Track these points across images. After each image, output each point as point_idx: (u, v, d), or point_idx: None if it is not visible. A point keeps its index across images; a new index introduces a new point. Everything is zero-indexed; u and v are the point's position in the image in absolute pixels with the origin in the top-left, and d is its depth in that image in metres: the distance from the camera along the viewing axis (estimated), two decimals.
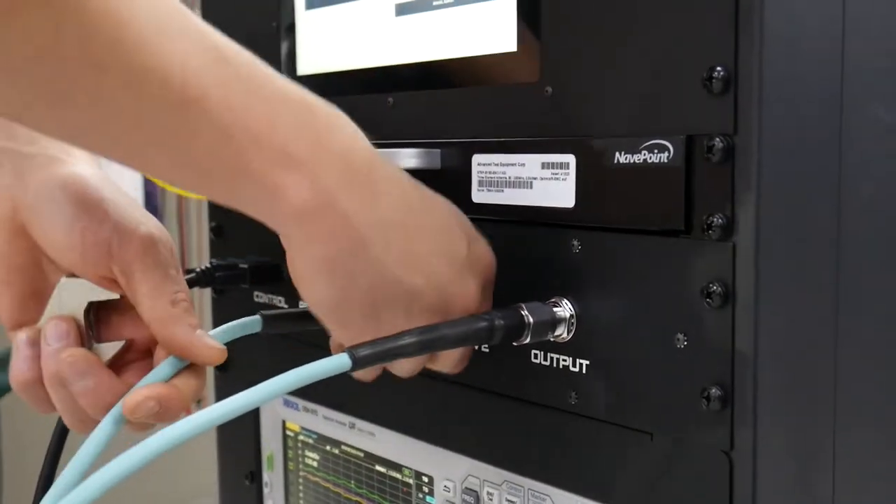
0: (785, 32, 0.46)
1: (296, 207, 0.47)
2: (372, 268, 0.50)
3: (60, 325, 0.53)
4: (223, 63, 0.45)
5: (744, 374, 0.47)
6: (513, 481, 0.60)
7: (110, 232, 0.53)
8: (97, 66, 0.42)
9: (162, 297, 0.52)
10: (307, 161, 0.47)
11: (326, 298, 0.51)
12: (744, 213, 0.47)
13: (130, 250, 0.53)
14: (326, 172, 0.48)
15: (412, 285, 0.51)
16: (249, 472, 0.83)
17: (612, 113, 0.52)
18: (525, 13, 0.57)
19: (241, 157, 0.46)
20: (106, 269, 0.53)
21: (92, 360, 0.52)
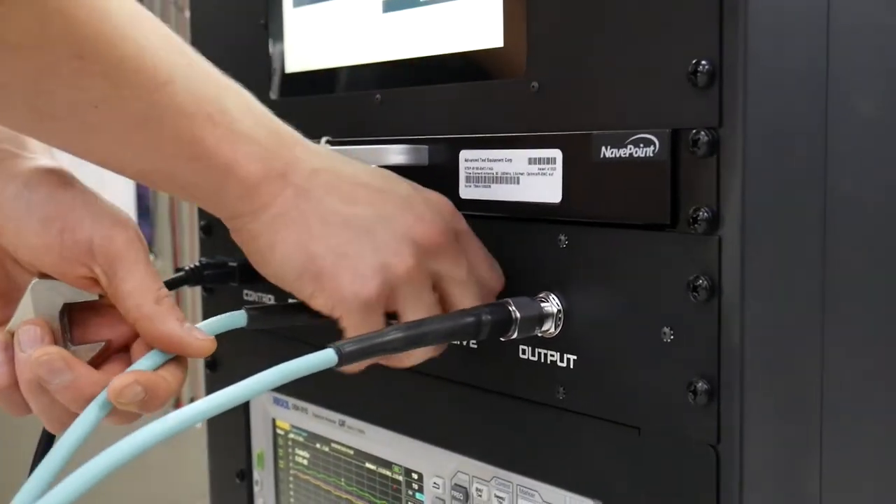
0: (769, 26, 0.46)
1: (245, 180, 0.52)
2: (317, 210, 0.53)
3: (34, 330, 0.52)
4: (183, 52, 0.50)
5: (730, 368, 0.47)
6: (501, 477, 0.60)
7: (89, 230, 0.52)
8: (78, 55, 0.45)
9: (147, 295, 0.52)
10: (251, 136, 0.52)
11: (288, 257, 0.53)
12: (729, 207, 0.47)
13: (112, 248, 0.52)
14: (266, 145, 0.53)
15: (361, 217, 0.54)
16: (240, 470, 0.83)
17: (597, 107, 0.52)
18: (511, 9, 0.57)
19: (199, 138, 0.50)
20: (86, 269, 0.52)
21: (67, 357, 0.51)
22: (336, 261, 0.53)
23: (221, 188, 0.52)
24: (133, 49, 0.47)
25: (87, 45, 0.45)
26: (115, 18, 0.46)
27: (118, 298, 0.52)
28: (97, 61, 0.46)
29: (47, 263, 0.52)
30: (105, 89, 0.47)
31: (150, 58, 0.48)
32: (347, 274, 0.53)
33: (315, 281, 0.54)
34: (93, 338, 0.54)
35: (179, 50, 0.50)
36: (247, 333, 0.61)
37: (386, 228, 0.54)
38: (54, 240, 0.51)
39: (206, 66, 0.52)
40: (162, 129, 0.49)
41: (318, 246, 0.53)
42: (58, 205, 0.52)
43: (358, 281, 0.53)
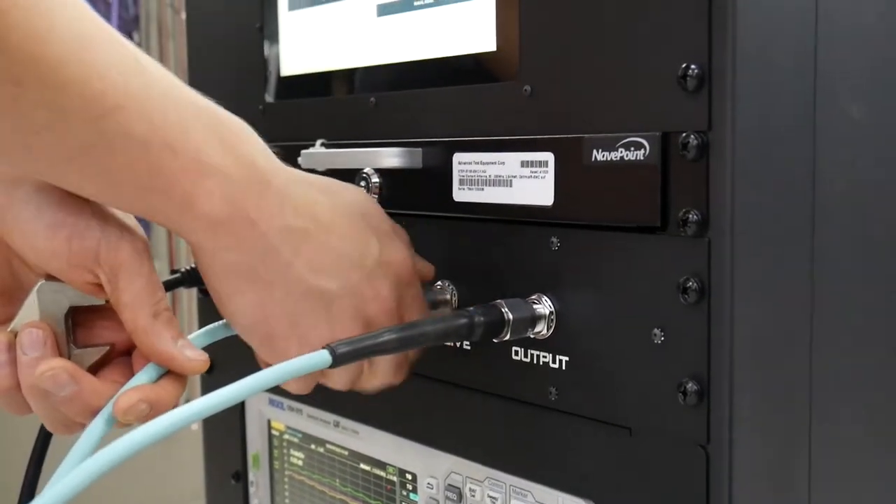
0: (758, 31, 0.47)
1: (207, 216, 0.49)
2: (283, 275, 0.52)
3: (36, 333, 0.51)
4: (140, 73, 0.46)
5: (720, 369, 0.48)
6: (494, 477, 0.60)
7: (97, 238, 0.51)
8: (16, 80, 0.42)
9: (143, 309, 0.51)
10: (218, 169, 0.48)
11: (245, 309, 0.53)
12: (718, 210, 0.47)
13: (116, 258, 0.51)
14: (235, 179, 0.49)
15: (324, 290, 0.53)
16: (235, 471, 0.84)
17: (589, 111, 0.53)
18: (504, 13, 0.57)
19: (155, 167, 0.47)
20: (92, 276, 0.52)
21: (71, 370, 0.51)
22: (288, 329, 0.53)
23: (180, 220, 0.50)
24: (77, 73, 0.43)
25: (23, 70, 0.41)
26: (57, 40, 0.42)
27: (117, 307, 0.52)
28: (36, 88, 0.42)
29: (54, 268, 0.52)
30: (46, 117, 0.43)
31: (97, 81, 0.44)
32: (295, 343, 0.54)
33: (265, 341, 0.54)
34: (96, 341, 0.54)
35: (136, 71, 0.46)
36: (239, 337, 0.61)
37: (344, 304, 0.54)
38: (62, 245, 0.51)
39: (172, 89, 0.48)
40: (112, 158, 0.46)
41: (275, 309, 0.53)
42: (67, 210, 0.51)
43: (304, 351, 0.53)
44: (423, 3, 0.62)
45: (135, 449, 0.43)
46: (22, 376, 0.52)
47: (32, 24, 0.41)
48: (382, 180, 0.64)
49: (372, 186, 0.64)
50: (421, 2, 0.63)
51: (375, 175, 0.64)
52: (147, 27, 2.10)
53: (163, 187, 0.47)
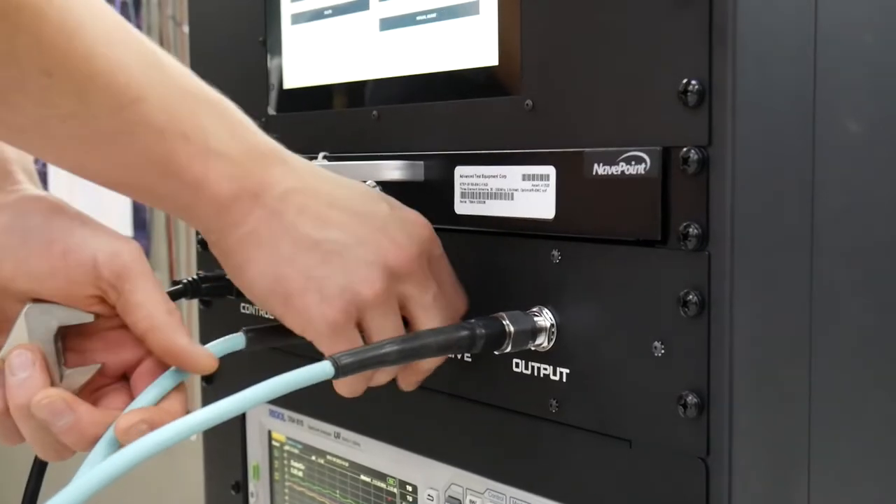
0: (758, 46, 0.47)
1: (217, 197, 0.52)
2: (289, 234, 0.54)
3: (25, 355, 0.51)
4: (159, 68, 0.50)
5: (720, 382, 0.48)
6: (495, 489, 0.61)
7: (93, 249, 0.52)
8: (46, 71, 0.45)
9: (159, 306, 0.52)
10: (225, 152, 0.52)
11: (259, 276, 0.54)
12: (719, 223, 0.48)
13: (118, 263, 0.52)
14: (241, 161, 0.52)
15: (333, 241, 0.54)
16: (235, 481, 0.84)
17: (590, 126, 0.53)
18: (506, 28, 0.58)
19: (170, 154, 0.50)
20: (93, 288, 0.52)
21: (68, 398, 0.51)
22: (304, 283, 0.54)
23: (193, 204, 0.52)
24: (103, 66, 0.47)
25: (55, 62, 0.45)
26: (86, 34, 0.46)
27: (128, 311, 0.52)
28: (65, 79, 0.46)
29: (51, 287, 0.52)
30: (73, 106, 0.47)
31: (121, 74, 0.47)
32: (314, 297, 0.54)
33: (284, 303, 0.55)
34: (87, 361, 0.54)
35: (155, 65, 0.50)
36: None
37: (357, 252, 0.54)
38: (58, 262, 0.51)
39: (184, 80, 0.51)
40: (132, 145, 0.49)
41: (286, 268, 0.54)
42: (55, 229, 0.52)
43: (325, 303, 0.54)
44: (426, 17, 0.63)
45: (135, 461, 0.44)
46: (11, 399, 0.51)
47: (64, 20, 0.45)
48: (385, 193, 0.64)
49: None
50: (423, 17, 0.63)
51: (377, 188, 0.64)
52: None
53: (176, 172, 0.50)
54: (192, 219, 0.54)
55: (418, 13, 0.63)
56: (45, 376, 0.51)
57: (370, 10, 0.67)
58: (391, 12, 0.65)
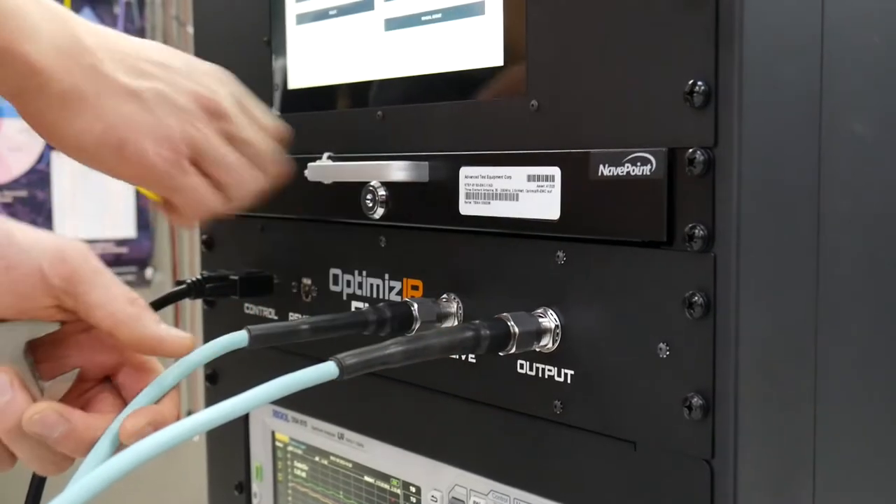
0: (764, 47, 0.47)
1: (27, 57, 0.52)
2: (111, 85, 0.55)
3: (1, 378, 0.50)
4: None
5: (725, 383, 0.48)
6: (499, 490, 0.60)
7: (35, 259, 0.50)
8: None
9: (118, 300, 0.51)
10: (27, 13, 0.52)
11: (85, 128, 0.55)
12: (724, 225, 0.48)
13: (66, 267, 0.51)
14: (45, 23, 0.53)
15: (150, 89, 0.57)
16: (238, 482, 0.84)
17: (595, 126, 0.53)
18: (511, 29, 0.58)
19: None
20: (47, 298, 0.51)
21: (59, 408, 0.50)
22: (136, 128, 0.56)
23: (6, 67, 0.52)
24: None
25: None
26: None
27: (89, 312, 0.51)
28: None
29: (6, 305, 0.50)
30: None
31: None
32: (147, 141, 0.56)
33: (118, 151, 0.56)
34: (63, 369, 0.53)
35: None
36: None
37: (175, 98, 0.57)
38: (2, 279, 0.50)
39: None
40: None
41: (115, 117, 0.55)
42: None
43: (159, 145, 0.56)
44: (431, 18, 0.63)
45: (138, 461, 0.43)
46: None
47: None
48: (389, 193, 0.64)
49: (379, 199, 0.64)
50: (428, 17, 0.63)
51: (382, 188, 0.64)
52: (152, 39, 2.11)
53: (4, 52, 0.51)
54: (5, 84, 0.53)
55: (423, 13, 0.63)
56: (26, 395, 0.50)
57: (375, 10, 0.67)
58: (396, 12, 0.65)
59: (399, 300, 0.64)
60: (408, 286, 0.65)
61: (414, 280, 0.65)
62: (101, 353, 0.54)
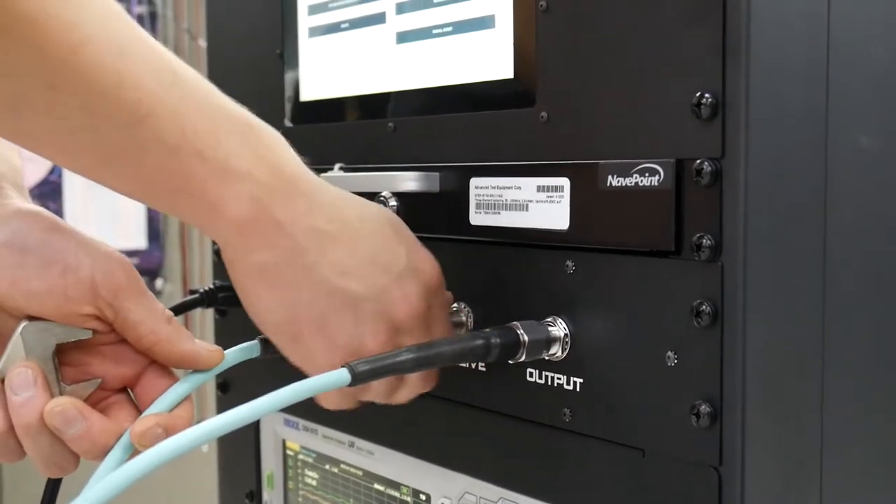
0: (771, 60, 0.48)
1: (235, 219, 0.51)
2: (310, 276, 0.53)
3: (26, 373, 0.51)
4: (173, 83, 0.48)
5: (732, 391, 0.48)
6: (508, 498, 0.61)
7: (90, 268, 0.52)
8: (50, 85, 0.44)
9: (159, 319, 0.53)
10: (246, 174, 0.50)
11: (273, 309, 0.54)
12: (731, 234, 0.48)
13: (115, 282, 0.52)
14: (264, 183, 0.51)
15: (350, 292, 0.54)
16: (250, 490, 0.84)
17: (604, 138, 0.54)
18: (521, 41, 0.58)
19: (185, 172, 0.49)
20: (90, 307, 0.52)
21: (79, 406, 0.51)
22: (315, 329, 0.54)
23: (211, 223, 0.52)
24: (111, 80, 0.45)
25: (59, 76, 0.44)
26: (93, 48, 0.44)
27: (128, 328, 0.53)
28: (71, 93, 0.44)
29: (50, 305, 0.52)
30: (81, 120, 0.46)
31: (130, 89, 0.46)
32: (323, 344, 0.55)
33: (292, 341, 0.56)
34: (85, 376, 0.54)
35: (171, 80, 0.48)
36: None
37: (370, 305, 0.55)
38: (57, 282, 0.51)
39: (204, 96, 0.50)
40: (144, 162, 0.48)
41: (302, 310, 0.54)
42: (55, 247, 0.52)
43: (332, 351, 0.55)
44: (442, 31, 0.64)
45: (154, 465, 0.44)
46: (15, 418, 0.51)
47: (68, 35, 0.43)
48: (400, 204, 0.65)
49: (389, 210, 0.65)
50: (439, 30, 0.64)
51: (393, 199, 0.65)
52: None
53: (192, 191, 0.49)
54: (211, 234, 0.54)
55: (434, 27, 0.64)
56: (47, 394, 0.51)
57: (387, 23, 0.68)
58: (408, 26, 0.66)
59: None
60: None
61: None
62: (124, 365, 0.55)
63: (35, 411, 0.51)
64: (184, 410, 0.54)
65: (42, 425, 0.51)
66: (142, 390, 0.55)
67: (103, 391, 0.54)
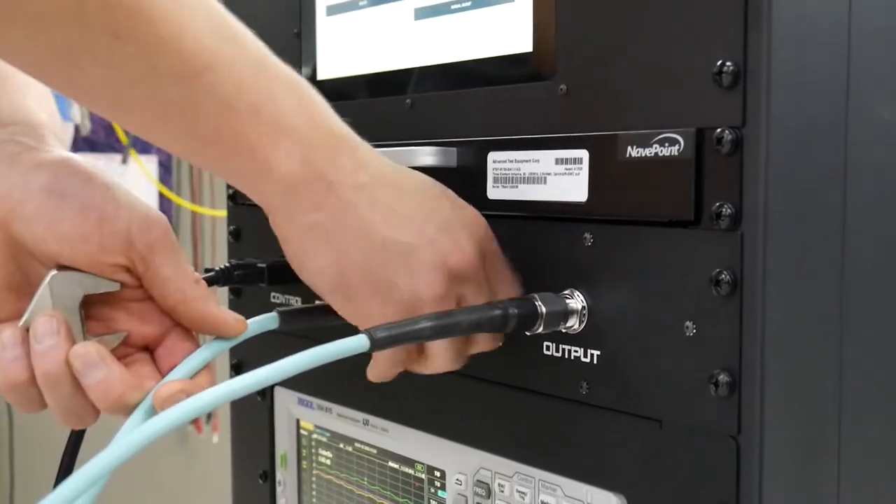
0: (793, 29, 0.48)
1: (285, 177, 0.51)
2: (360, 232, 0.53)
3: (50, 322, 0.51)
4: (231, 39, 0.49)
5: (751, 361, 0.48)
6: (524, 472, 0.61)
7: (127, 219, 0.52)
8: (114, 34, 0.44)
9: (188, 278, 0.53)
10: (297, 131, 0.51)
11: (325, 269, 0.54)
12: (751, 203, 0.48)
13: (151, 235, 0.52)
14: (314, 143, 0.52)
15: (401, 242, 0.54)
16: (263, 471, 0.84)
17: (624, 108, 0.54)
18: (541, 14, 0.59)
19: (240, 128, 0.49)
20: (122, 258, 0.52)
21: (103, 352, 0.51)
22: (370, 285, 0.54)
23: (260, 181, 0.52)
24: (173, 31, 0.46)
25: (123, 24, 0.44)
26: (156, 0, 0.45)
27: (156, 284, 0.53)
28: (133, 42, 0.45)
29: (82, 252, 0.52)
30: (140, 70, 0.46)
31: (190, 42, 0.46)
32: (378, 300, 0.54)
33: (346, 298, 0.55)
34: (109, 330, 0.54)
35: (229, 35, 0.49)
36: (273, 333, 0.62)
37: (423, 254, 0.54)
38: (93, 229, 0.51)
39: (259, 54, 0.50)
40: (200, 116, 0.48)
41: (354, 268, 0.54)
42: (93, 195, 0.52)
43: (387, 305, 0.54)
44: (461, 6, 0.64)
45: (177, 422, 0.45)
46: (37, 366, 0.51)
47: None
48: None
49: None
50: (458, 5, 0.64)
51: None
52: None
53: (245, 148, 0.50)
54: (258, 196, 0.53)
55: (453, 2, 0.64)
56: (69, 344, 0.51)
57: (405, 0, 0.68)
58: (426, 2, 0.66)
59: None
60: None
61: None
62: (149, 324, 0.55)
63: (56, 360, 0.51)
64: (204, 378, 0.53)
65: (63, 374, 0.51)
66: (164, 351, 0.54)
67: (127, 347, 0.54)
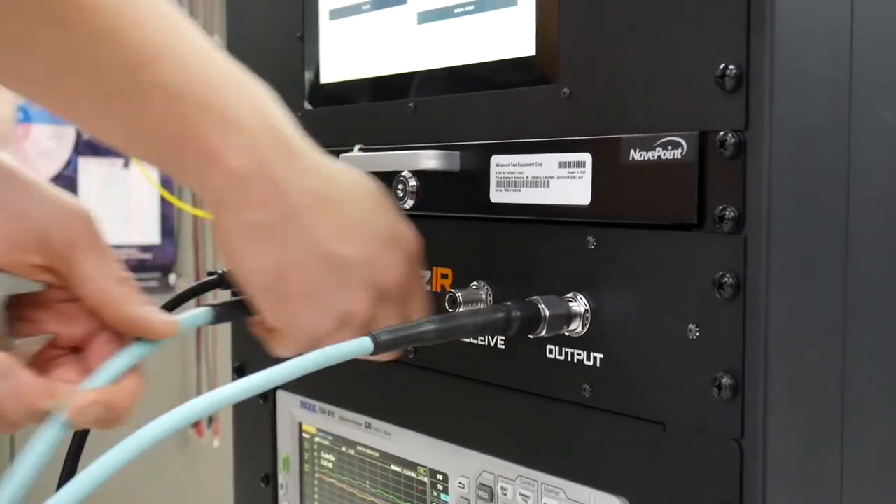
0: (795, 32, 0.48)
1: (232, 170, 0.50)
2: (303, 237, 0.53)
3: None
4: (175, 31, 0.48)
5: (754, 363, 0.48)
6: (527, 476, 0.61)
7: (41, 217, 0.50)
8: (56, 23, 0.44)
9: (109, 278, 0.51)
10: (246, 126, 0.50)
11: (262, 268, 0.53)
12: (755, 206, 0.48)
13: (67, 234, 0.50)
14: (262, 139, 0.50)
15: (342, 257, 0.54)
16: (265, 474, 0.84)
17: (627, 112, 0.54)
18: (544, 18, 0.59)
19: (186, 120, 0.48)
20: (39, 257, 0.50)
21: (9, 362, 0.48)
22: (303, 292, 0.54)
23: (209, 172, 0.50)
24: (117, 22, 0.45)
25: (64, 14, 0.44)
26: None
27: (78, 284, 0.51)
28: (75, 33, 0.44)
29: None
30: (84, 61, 0.45)
31: (136, 32, 0.46)
32: (309, 310, 0.54)
33: (278, 300, 0.54)
34: (37, 331, 0.52)
35: (175, 27, 0.48)
36: None
37: (359, 272, 0.55)
38: (3, 227, 0.50)
39: (206, 47, 0.50)
40: (146, 107, 0.48)
41: (291, 272, 0.53)
42: (9, 193, 0.50)
43: (317, 315, 0.54)
44: (464, 10, 0.64)
45: (181, 424, 0.45)
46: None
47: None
48: (419, 183, 0.65)
49: (409, 190, 0.65)
50: (461, 9, 0.64)
51: (413, 178, 0.65)
52: None
53: (192, 139, 0.49)
54: (206, 189, 0.52)
55: (456, 6, 0.64)
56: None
57: (408, 3, 0.68)
58: (429, 6, 0.66)
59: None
60: (438, 275, 0.66)
61: (444, 269, 0.66)
62: (76, 325, 0.52)
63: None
64: (129, 384, 0.51)
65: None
66: (90, 353, 0.52)
67: (55, 349, 0.52)
